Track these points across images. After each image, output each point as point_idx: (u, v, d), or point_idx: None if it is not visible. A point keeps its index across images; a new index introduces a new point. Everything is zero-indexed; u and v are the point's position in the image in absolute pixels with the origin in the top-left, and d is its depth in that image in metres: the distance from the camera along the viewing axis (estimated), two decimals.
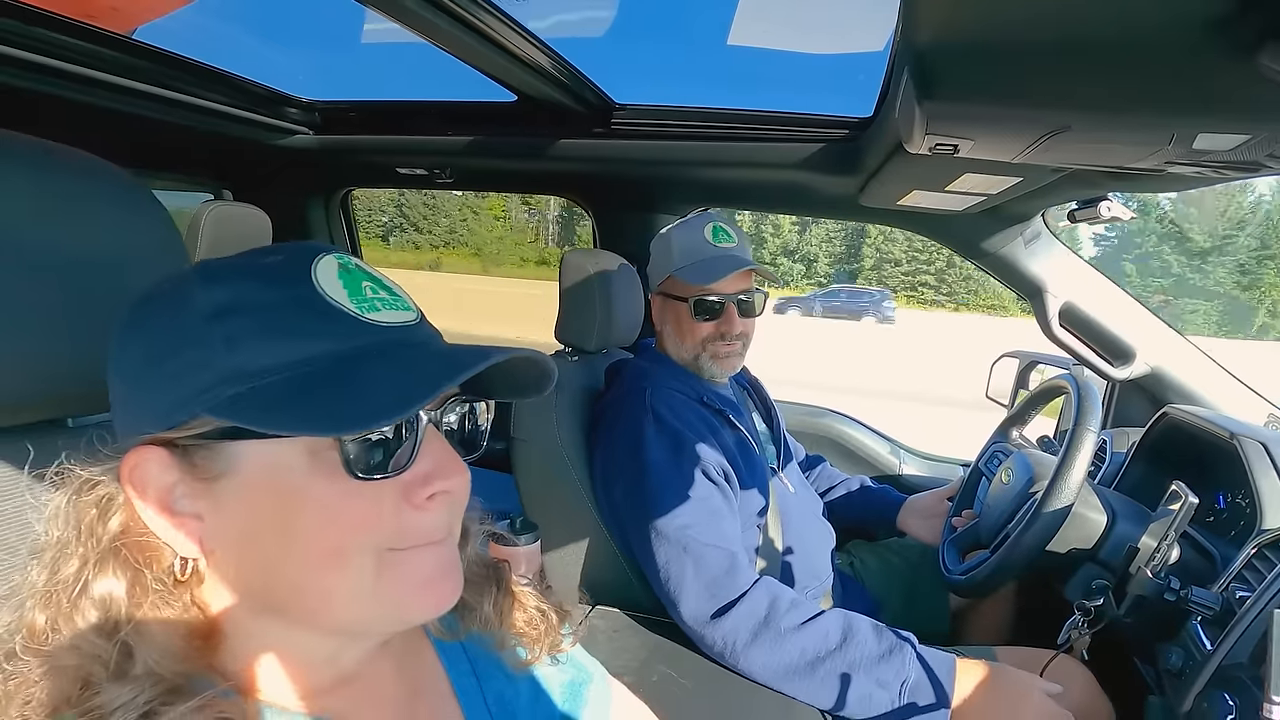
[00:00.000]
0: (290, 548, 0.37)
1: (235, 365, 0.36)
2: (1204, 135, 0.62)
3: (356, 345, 0.38)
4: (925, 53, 0.60)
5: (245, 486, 0.37)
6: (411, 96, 1.62)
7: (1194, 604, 0.85)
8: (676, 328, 1.26)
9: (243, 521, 0.37)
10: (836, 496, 1.57)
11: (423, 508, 0.39)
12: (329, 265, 0.39)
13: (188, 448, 0.37)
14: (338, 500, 0.37)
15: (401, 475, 0.38)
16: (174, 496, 0.37)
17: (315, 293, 0.38)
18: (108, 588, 0.36)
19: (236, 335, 0.36)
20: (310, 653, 0.42)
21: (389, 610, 0.40)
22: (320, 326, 0.37)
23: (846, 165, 1.36)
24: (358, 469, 0.37)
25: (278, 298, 0.37)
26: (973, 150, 0.79)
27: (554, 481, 1.21)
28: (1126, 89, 0.58)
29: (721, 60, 7.41)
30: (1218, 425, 1.10)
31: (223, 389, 0.35)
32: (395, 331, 0.39)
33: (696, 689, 0.95)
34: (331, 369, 0.36)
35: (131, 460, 0.37)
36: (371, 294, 0.40)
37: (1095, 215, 1.16)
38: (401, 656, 0.48)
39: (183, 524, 0.38)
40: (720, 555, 1.02)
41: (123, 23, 1.40)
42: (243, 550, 0.38)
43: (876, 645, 0.95)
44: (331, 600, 0.38)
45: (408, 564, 0.39)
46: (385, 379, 0.36)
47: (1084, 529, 1.03)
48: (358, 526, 0.37)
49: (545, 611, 0.54)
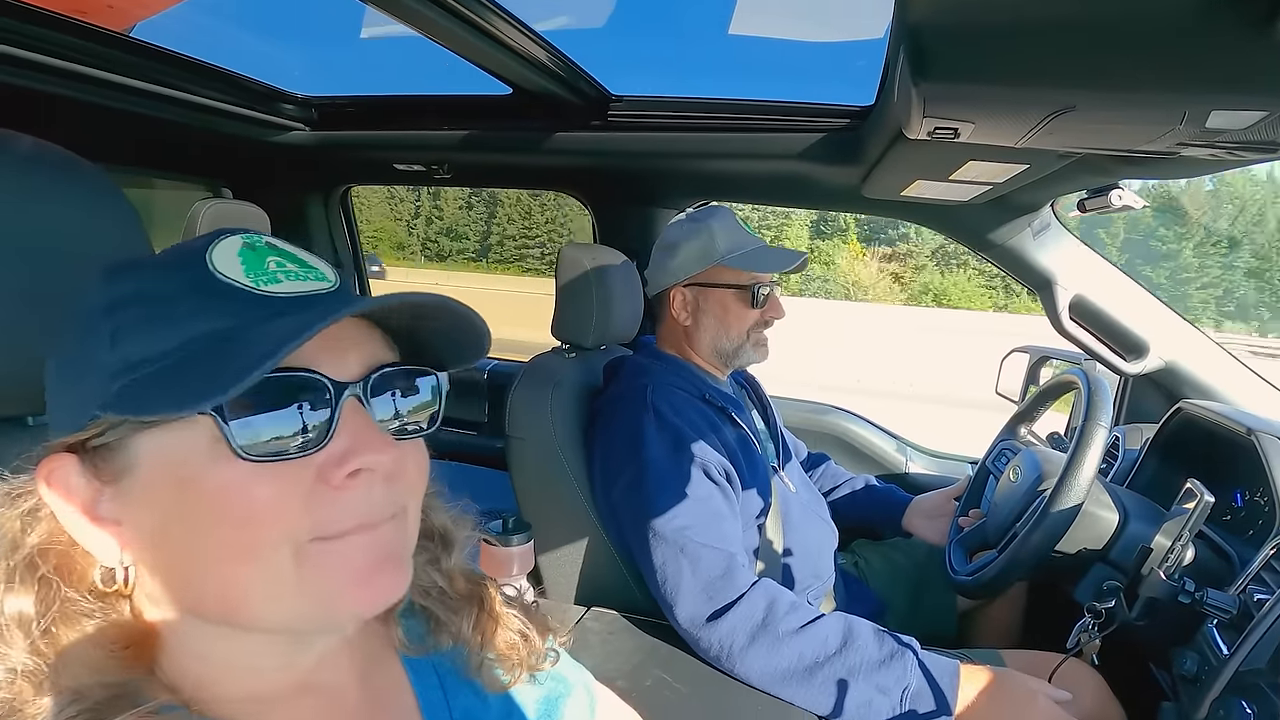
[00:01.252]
0: (201, 543, 0.35)
1: (122, 358, 0.34)
2: (1217, 113, 0.59)
3: (245, 319, 0.35)
4: (920, 30, 0.57)
5: (146, 483, 0.35)
6: (407, 91, 1.61)
7: (1210, 607, 0.82)
8: (721, 317, 1.24)
9: (151, 520, 0.35)
10: (841, 496, 1.54)
11: (342, 487, 0.35)
12: (229, 244, 0.37)
13: (93, 450, 0.35)
14: (240, 486, 0.34)
15: (313, 455, 0.35)
16: (91, 503, 0.36)
17: (207, 273, 0.36)
18: (18, 606, 0.35)
19: (122, 328, 0.34)
20: (256, 659, 0.40)
21: (316, 606, 0.36)
22: (208, 305, 0.35)
23: (848, 155, 1.33)
24: (251, 452, 0.33)
25: (169, 284, 0.36)
26: (974, 134, 0.76)
27: (550, 480, 1.19)
28: (1133, 65, 0.55)
29: (720, 50, 7.36)
30: (1235, 421, 1.07)
31: (111, 384, 0.34)
32: (296, 300, 0.36)
33: (691, 694, 0.93)
34: (214, 344, 0.34)
35: (45, 469, 0.35)
36: (275, 267, 0.37)
37: (1106, 204, 1.13)
38: (365, 668, 0.46)
39: (103, 530, 0.36)
40: (718, 557, 1.00)
41: (119, 20, 1.39)
42: (157, 551, 0.36)
43: (877, 650, 0.92)
44: (249, 597, 0.35)
45: (333, 554, 0.36)
46: (261, 340, 0.33)
47: (1095, 528, 1.00)
48: (263, 515, 0.34)
49: (529, 636, 0.51)
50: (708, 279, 1.24)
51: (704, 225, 1.24)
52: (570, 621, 1.10)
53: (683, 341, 1.28)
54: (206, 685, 0.38)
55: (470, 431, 2.05)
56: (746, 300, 1.22)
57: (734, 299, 1.23)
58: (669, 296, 1.27)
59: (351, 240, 2.14)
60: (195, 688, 0.38)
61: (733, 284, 1.23)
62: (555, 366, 1.26)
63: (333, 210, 2.06)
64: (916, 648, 0.94)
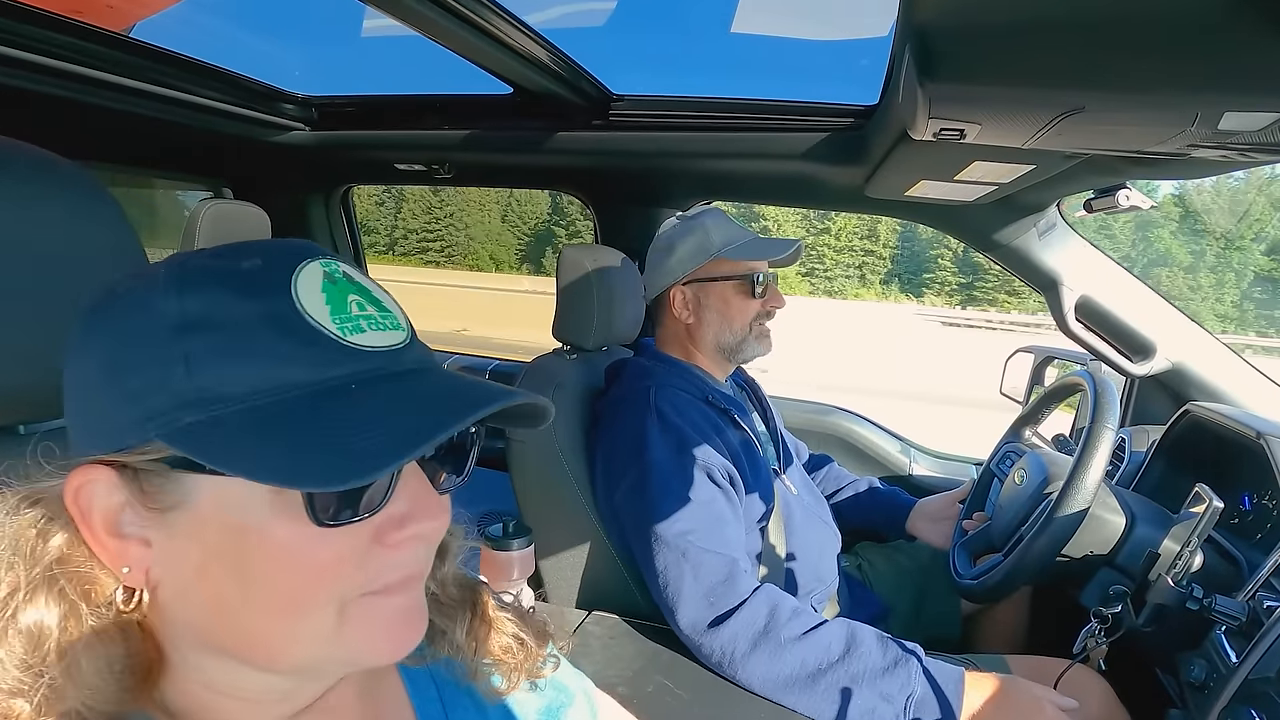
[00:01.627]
0: (246, 591, 0.34)
1: (195, 388, 0.32)
2: (1230, 115, 0.57)
3: (336, 375, 0.34)
4: (927, 30, 0.56)
5: (199, 520, 0.33)
6: (407, 90, 1.60)
7: (1218, 613, 0.81)
8: (722, 311, 1.24)
9: (195, 557, 0.34)
10: (845, 498, 1.53)
11: (396, 547, 0.36)
12: (312, 274, 0.35)
13: (139, 471, 0.34)
14: (304, 546, 0.33)
15: (374, 517, 0.35)
16: (121, 520, 0.34)
17: (293, 308, 0.34)
18: (37, 618, 0.33)
19: (199, 353, 0.32)
20: (260, 690, 0.39)
21: (347, 654, 0.37)
22: (295, 350, 0.33)
23: (852, 155, 1.32)
24: (324, 516, 0.33)
25: (250, 311, 0.33)
26: (980, 136, 0.75)
27: (551, 483, 1.19)
28: (1145, 66, 0.54)
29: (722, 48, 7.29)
30: (1243, 424, 1.05)
31: (180, 415, 0.32)
32: (380, 357, 0.35)
33: (693, 700, 0.92)
34: (303, 402, 0.33)
35: (76, 480, 0.33)
36: (358, 310, 0.36)
37: (1113, 205, 1.11)
38: (362, 684, 0.45)
39: (128, 550, 0.34)
40: (720, 562, 0.99)
41: (118, 20, 1.39)
42: (193, 587, 0.35)
43: (881, 657, 0.91)
44: (286, 647, 0.35)
45: (373, 610, 0.36)
46: (364, 424, 0.32)
47: (1101, 532, 0.99)
48: (323, 575, 0.34)
49: (524, 640, 0.50)
50: (706, 273, 1.24)
51: (697, 223, 1.24)
52: (571, 626, 1.09)
53: (685, 341, 1.27)
54: (207, 712, 0.38)
55: None
56: (747, 290, 1.22)
57: (734, 291, 1.23)
58: (669, 297, 1.26)
59: (353, 240, 2.13)
60: (194, 714, 0.37)
61: (731, 275, 1.23)
62: (556, 368, 1.25)
63: (333, 210, 2.06)
64: (921, 654, 0.93)
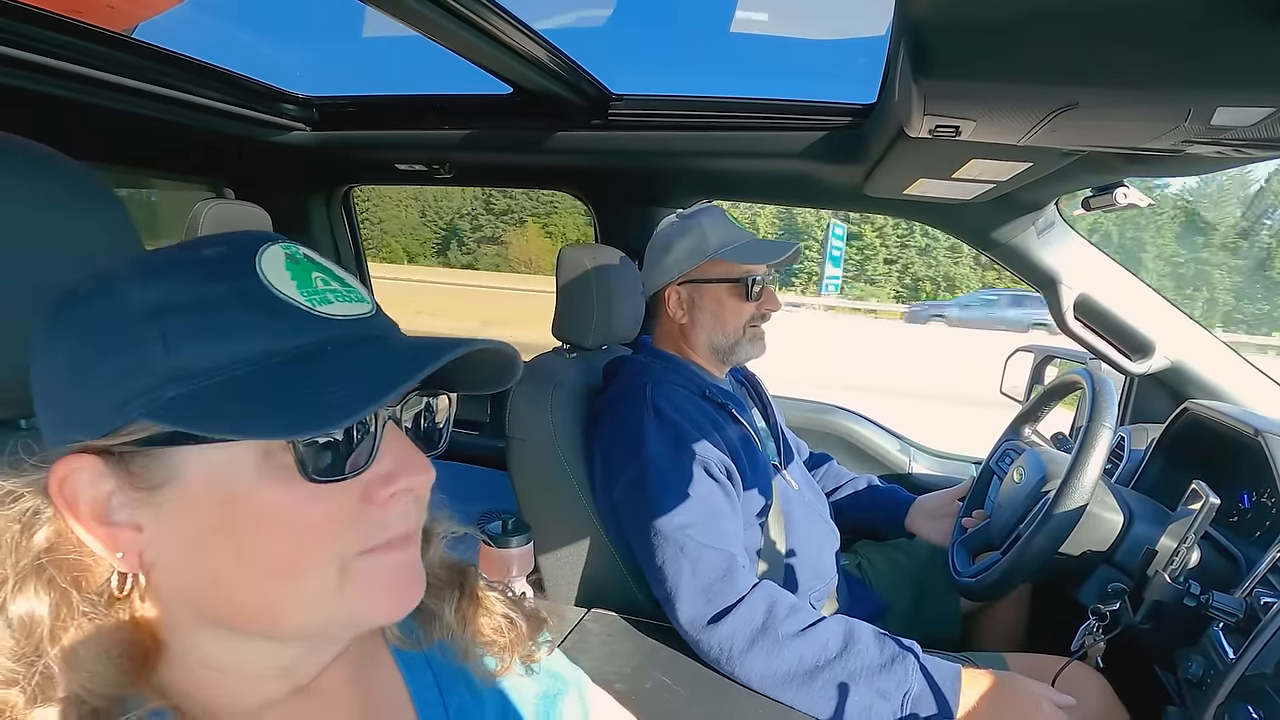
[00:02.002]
0: (244, 558, 0.35)
1: (175, 366, 0.33)
2: (1223, 110, 0.58)
3: (309, 341, 0.35)
4: (921, 26, 0.57)
5: (190, 495, 0.34)
6: (407, 90, 1.61)
7: (1215, 610, 0.81)
8: (716, 312, 1.24)
9: (189, 532, 0.35)
10: (844, 496, 1.53)
11: (385, 505, 0.37)
12: (275, 255, 0.37)
13: (124, 455, 0.34)
14: (295, 506, 0.35)
15: (361, 475, 0.36)
16: (110, 507, 0.35)
17: (261, 285, 0.35)
18: (27, 608, 0.34)
19: (175, 333, 0.33)
20: (262, 665, 0.40)
21: (350, 615, 0.38)
22: (266, 322, 0.35)
23: (850, 154, 1.32)
24: (314, 472, 0.34)
25: (219, 292, 0.34)
26: (976, 132, 0.75)
27: (550, 481, 1.19)
28: (1137, 60, 0.54)
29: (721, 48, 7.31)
30: (1242, 421, 1.05)
31: (162, 391, 0.33)
32: (350, 325, 0.37)
33: (690, 697, 0.92)
34: (282, 367, 0.34)
35: (61, 470, 0.34)
36: (323, 285, 0.37)
37: (1111, 202, 1.12)
38: (358, 667, 0.46)
39: (120, 536, 0.35)
40: (718, 558, 0.99)
41: (120, 21, 1.39)
42: (189, 562, 0.36)
43: (878, 654, 0.91)
44: (289, 610, 0.36)
45: (374, 567, 0.37)
46: (342, 376, 0.34)
47: (1099, 530, 0.99)
48: (318, 533, 0.35)
49: (514, 619, 0.51)
50: (701, 275, 1.24)
51: (694, 222, 1.24)
52: (570, 623, 1.09)
53: (680, 340, 1.28)
54: (204, 691, 0.38)
55: (472, 431, 2.05)
56: (741, 293, 1.22)
57: (728, 293, 1.23)
58: (664, 295, 1.26)
59: (354, 240, 2.14)
60: (191, 694, 0.38)
61: (726, 278, 1.23)
62: (556, 367, 1.25)
63: (334, 210, 2.06)
64: (918, 651, 0.93)
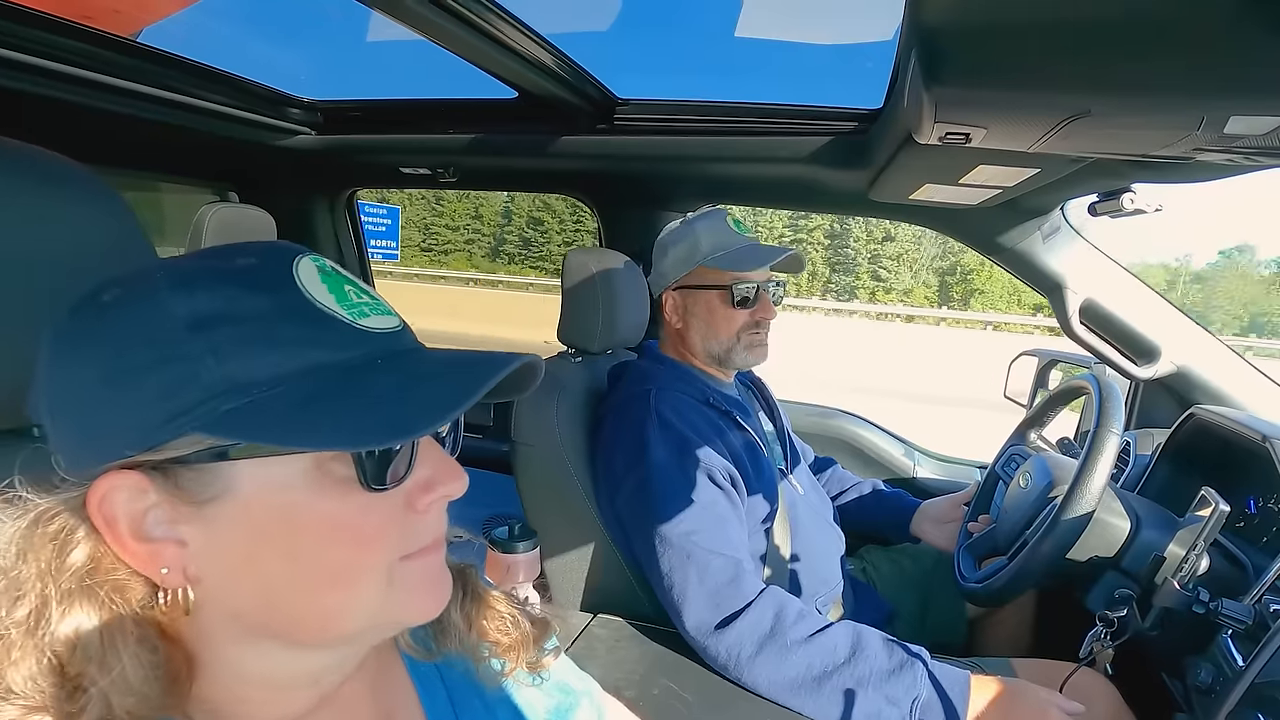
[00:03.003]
0: (296, 569, 0.35)
1: (228, 378, 0.33)
2: (1237, 118, 0.57)
3: (355, 354, 0.36)
4: (933, 33, 0.57)
5: (244, 508, 0.34)
6: (412, 95, 1.61)
7: (1224, 617, 0.80)
8: (708, 320, 1.23)
9: (241, 545, 0.35)
10: (848, 500, 1.52)
11: (425, 512, 0.39)
12: (310, 268, 0.37)
13: (169, 470, 0.34)
14: (352, 516, 0.36)
15: (404, 484, 0.37)
16: (149, 523, 0.34)
17: (303, 298, 0.36)
18: (74, 627, 0.33)
19: (225, 346, 0.33)
20: (295, 675, 0.40)
21: (392, 616, 0.39)
22: (314, 335, 0.35)
23: (856, 159, 1.32)
24: (373, 482, 0.36)
25: (263, 304, 0.35)
26: (985, 140, 0.75)
27: (555, 486, 1.19)
28: (1151, 69, 0.54)
29: (726, 52, 7.24)
30: (1249, 427, 1.05)
31: (216, 404, 0.32)
32: (387, 338, 0.38)
33: (699, 704, 0.92)
34: (336, 379, 0.34)
35: (102, 487, 0.33)
36: (357, 298, 0.38)
37: (1118, 208, 1.11)
38: (375, 678, 0.46)
39: (162, 551, 0.35)
40: (725, 564, 0.99)
41: (125, 25, 1.40)
42: (238, 576, 0.36)
43: (887, 660, 0.91)
44: (342, 617, 0.37)
45: (414, 572, 0.39)
46: (397, 389, 0.35)
47: (1106, 536, 0.99)
48: (373, 540, 0.37)
49: (517, 618, 0.51)
50: (693, 281, 1.23)
51: (690, 227, 1.23)
52: (577, 628, 1.09)
53: (679, 345, 1.28)
54: (231, 705, 0.38)
55: (476, 435, 2.04)
56: (729, 300, 1.21)
57: (718, 300, 1.22)
58: (663, 300, 1.27)
59: (358, 244, 2.14)
60: (218, 710, 0.38)
61: (715, 285, 1.21)
62: (561, 372, 1.25)
63: (339, 214, 2.06)
64: (926, 658, 0.93)
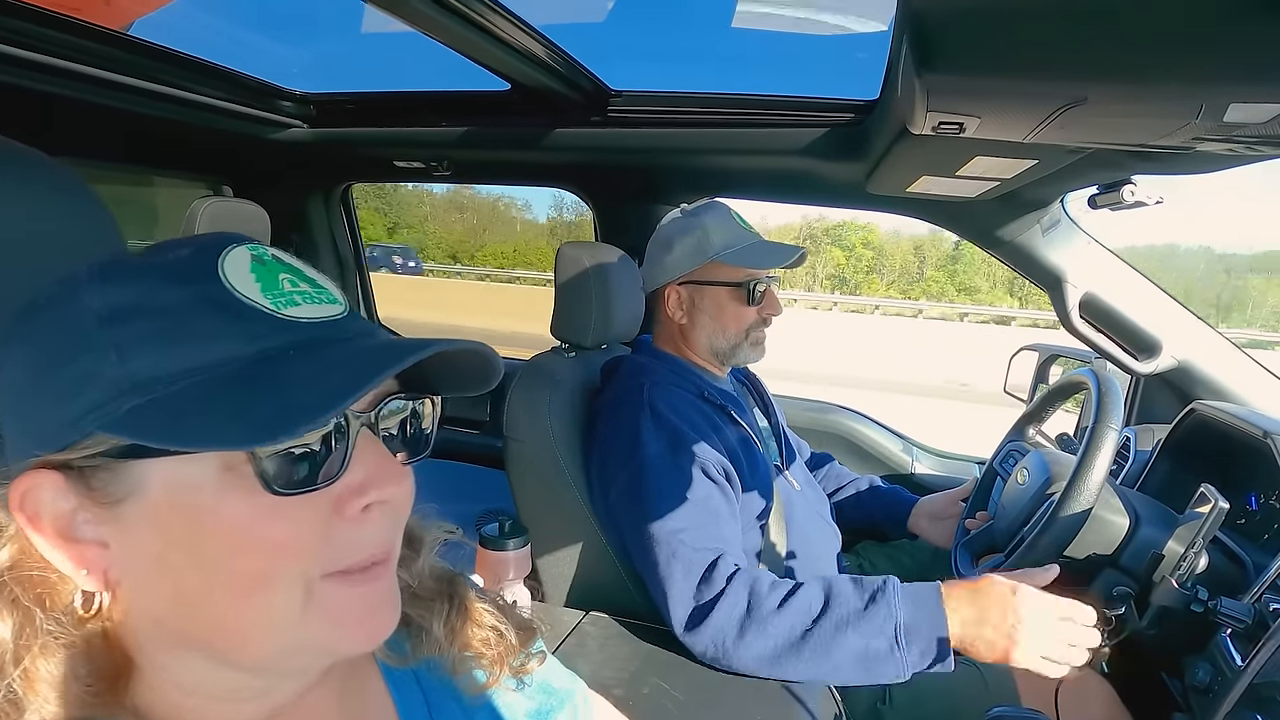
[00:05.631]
0: (205, 576, 0.33)
1: (130, 375, 0.31)
2: (1236, 106, 0.56)
3: (272, 345, 0.33)
4: (924, 18, 0.55)
5: (151, 509, 0.33)
6: (405, 87, 1.60)
7: (1223, 616, 0.80)
8: (717, 315, 1.21)
9: (151, 549, 0.33)
10: (846, 496, 1.51)
11: (358, 521, 0.35)
12: (240, 257, 0.35)
13: (84, 469, 0.33)
14: (256, 521, 0.33)
15: (331, 487, 0.34)
16: (75, 523, 0.33)
17: (223, 289, 0.33)
18: None
19: (130, 341, 0.32)
20: (236, 689, 0.38)
21: (316, 644, 0.36)
22: (228, 326, 0.33)
23: (852, 151, 1.30)
24: (277, 484, 0.32)
25: (180, 297, 0.33)
26: (980, 129, 0.73)
27: (548, 482, 1.18)
28: (1147, 55, 0.53)
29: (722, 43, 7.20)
30: (1250, 423, 1.04)
31: (118, 403, 0.31)
32: (318, 327, 0.35)
33: (689, 702, 0.91)
34: (241, 372, 0.32)
35: (21, 486, 0.32)
36: (290, 287, 0.36)
37: (1118, 200, 1.10)
38: (343, 686, 0.44)
39: (85, 553, 0.33)
40: (708, 559, 0.98)
41: (116, 17, 1.38)
42: (152, 580, 0.34)
43: (859, 599, 0.92)
44: (252, 634, 0.34)
45: (340, 593, 0.35)
46: (304, 379, 0.32)
47: (1105, 533, 0.98)
48: (281, 550, 0.33)
49: (503, 631, 0.50)
50: (702, 276, 1.21)
51: (698, 221, 1.22)
52: (568, 626, 1.08)
53: (679, 340, 1.26)
54: (178, 714, 0.37)
55: (471, 430, 2.04)
56: (742, 298, 1.20)
57: (729, 297, 1.21)
58: (664, 294, 1.25)
59: (353, 237, 2.13)
60: (166, 717, 0.36)
61: (728, 281, 1.20)
62: (554, 367, 1.24)
63: (333, 208, 2.05)
64: (895, 582, 0.94)
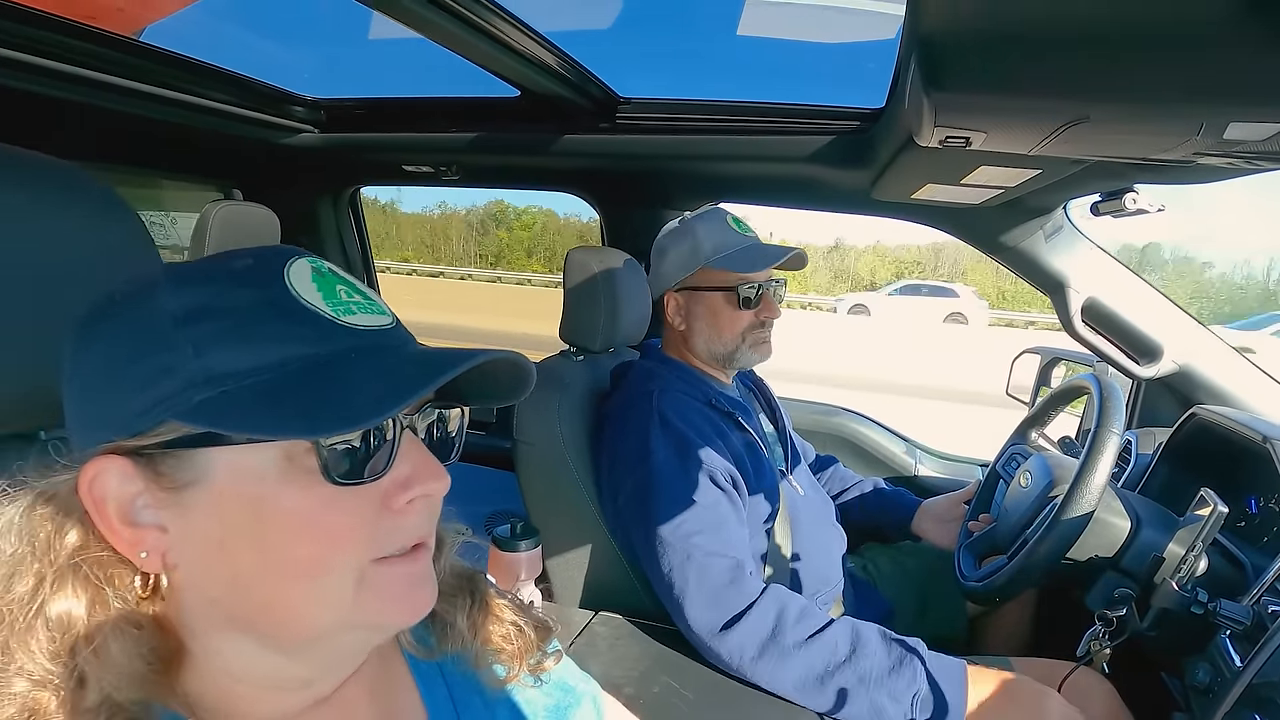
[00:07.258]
0: (264, 560, 0.36)
1: (204, 369, 0.34)
2: (1236, 125, 0.58)
3: (332, 348, 0.37)
4: (932, 40, 0.57)
5: (215, 495, 0.35)
6: (415, 93, 1.61)
7: (1223, 617, 0.81)
8: (712, 321, 1.22)
9: (212, 533, 0.36)
10: (850, 499, 1.53)
11: (402, 512, 0.38)
12: (302, 268, 0.38)
13: (152, 456, 0.35)
14: (316, 509, 0.36)
15: (380, 481, 0.37)
16: (135, 508, 0.36)
17: (288, 295, 0.37)
18: (65, 607, 0.35)
19: (205, 339, 0.35)
20: (281, 677, 0.40)
21: (365, 620, 0.39)
22: (294, 329, 0.36)
23: (858, 158, 1.32)
24: (336, 474, 0.35)
25: (249, 300, 0.36)
26: (986, 143, 0.75)
27: (557, 484, 1.19)
28: (1150, 76, 0.54)
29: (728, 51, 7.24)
30: (1250, 427, 1.05)
31: (191, 394, 0.34)
32: (372, 335, 0.39)
33: (699, 701, 0.93)
34: (307, 371, 0.35)
35: (91, 471, 0.35)
36: (346, 297, 0.39)
37: (1120, 208, 1.11)
38: (374, 678, 0.47)
39: (145, 537, 0.36)
40: (725, 565, 1.00)
41: (127, 24, 1.40)
42: (211, 563, 0.36)
43: (886, 656, 0.92)
44: (305, 614, 0.37)
45: (388, 574, 0.38)
46: (364, 381, 0.35)
47: (1106, 535, 0.99)
48: (338, 536, 0.36)
49: (522, 627, 0.52)
50: (695, 282, 1.23)
51: (689, 228, 1.23)
52: (578, 626, 1.10)
53: (682, 346, 1.28)
54: (225, 700, 0.39)
55: (479, 431, 2.05)
56: (734, 302, 1.20)
57: (722, 301, 1.21)
58: (665, 302, 1.26)
59: (361, 242, 2.14)
60: (213, 704, 0.38)
61: (719, 286, 1.21)
62: (563, 370, 1.25)
63: (342, 212, 2.06)
64: (923, 651, 0.94)
